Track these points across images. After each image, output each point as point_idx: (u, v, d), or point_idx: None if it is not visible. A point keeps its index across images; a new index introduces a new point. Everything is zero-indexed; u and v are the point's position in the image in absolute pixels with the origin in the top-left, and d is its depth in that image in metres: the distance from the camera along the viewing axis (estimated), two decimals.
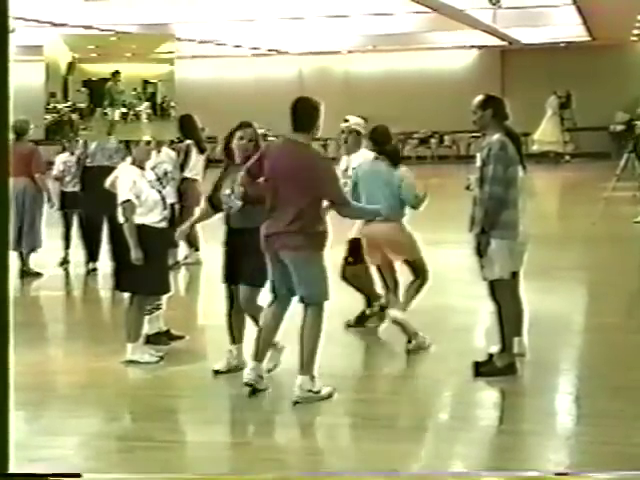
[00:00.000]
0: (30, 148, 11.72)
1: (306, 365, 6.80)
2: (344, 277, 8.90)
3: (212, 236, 12.91)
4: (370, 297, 9.03)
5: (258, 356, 6.98)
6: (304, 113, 6.87)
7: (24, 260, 12.05)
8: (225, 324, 7.64)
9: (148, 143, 8.10)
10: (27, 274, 11.94)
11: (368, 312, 9.03)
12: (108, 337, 9.03)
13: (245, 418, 6.87)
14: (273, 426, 6.69)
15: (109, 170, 11.53)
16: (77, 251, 12.64)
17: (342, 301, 8.80)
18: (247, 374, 6.96)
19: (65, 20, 20.06)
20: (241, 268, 7.35)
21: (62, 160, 12.66)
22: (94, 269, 12.26)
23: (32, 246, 12.06)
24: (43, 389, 7.56)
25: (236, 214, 7.22)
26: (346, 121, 8.99)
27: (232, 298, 7.55)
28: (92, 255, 12.30)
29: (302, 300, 6.89)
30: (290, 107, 6.88)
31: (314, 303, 6.85)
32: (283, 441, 6.28)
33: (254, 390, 6.91)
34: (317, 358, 6.85)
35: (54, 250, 12.59)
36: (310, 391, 6.79)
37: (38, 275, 12.08)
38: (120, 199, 7.90)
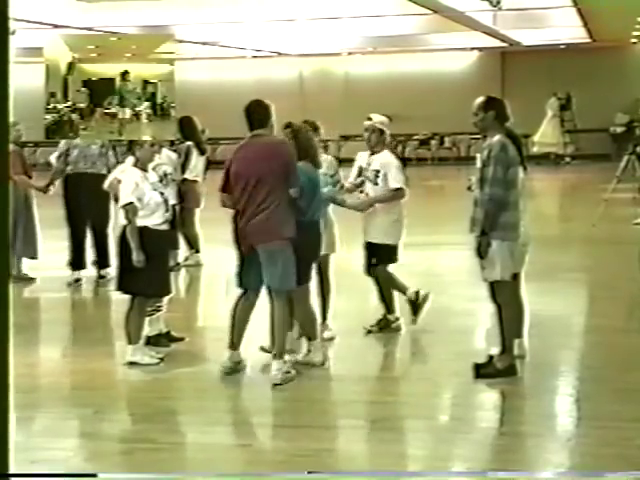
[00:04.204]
0: (11, 150, 11.42)
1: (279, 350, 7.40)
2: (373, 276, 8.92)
3: (213, 238, 12.97)
4: (390, 302, 8.95)
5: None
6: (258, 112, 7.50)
7: (17, 265, 11.76)
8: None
9: (152, 145, 8.09)
10: (17, 279, 11.39)
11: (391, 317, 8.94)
12: (108, 339, 9.03)
13: (245, 419, 6.87)
14: (274, 427, 6.68)
15: (93, 177, 11.39)
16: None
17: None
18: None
19: (67, 22, 20.07)
20: None
21: None
22: (78, 279, 11.80)
23: (19, 253, 11.62)
24: (43, 391, 7.57)
25: None
26: (369, 119, 8.85)
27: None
28: (77, 264, 11.90)
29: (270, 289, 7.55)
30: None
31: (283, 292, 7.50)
32: (284, 442, 6.27)
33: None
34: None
35: (48, 252, 12.40)
36: (287, 372, 7.36)
37: (31, 280, 11.76)
38: (122, 202, 7.89)
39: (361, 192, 8.81)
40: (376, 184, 8.71)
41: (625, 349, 8.27)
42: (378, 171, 8.71)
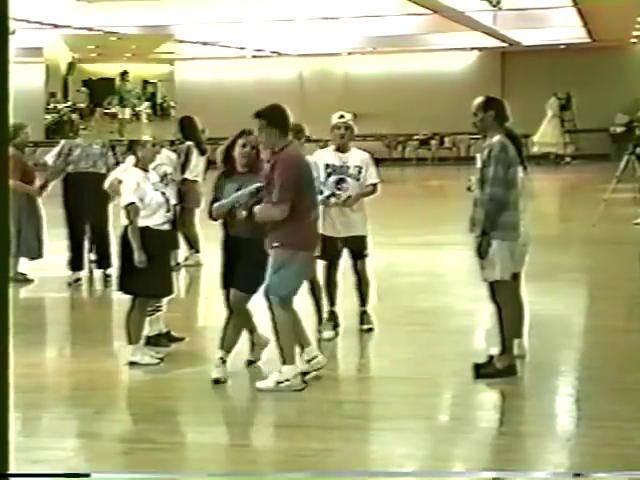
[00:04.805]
0: (11, 154, 11.21)
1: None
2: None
3: (213, 238, 12.97)
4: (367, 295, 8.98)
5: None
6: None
7: (14, 266, 11.65)
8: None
9: (153, 145, 8.09)
10: (14, 280, 11.32)
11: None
12: (108, 339, 9.02)
13: (245, 419, 6.87)
14: (274, 427, 6.68)
15: (94, 176, 11.40)
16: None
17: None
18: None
19: (67, 22, 20.07)
20: (236, 274, 7.40)
21: None
22: (78, 279, 11.84)
23: (25, 254, 11.55)
24: (43, 391, 7.56)
25: (241, 224, 7.28)
26: (342, 117, 8.83)
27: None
28: (76, 264, 11.92)
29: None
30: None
31: None
32: (284, 442, 6.27)
33: None
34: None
35: (48, 252, 12.32)
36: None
37: (28, 281, 11.65)
38: (124, 202, 7.89)
39: (338, 190, 8.73)
40: (358, 180, 8.76)
41: (625, 349, 8.27)
42: (361, 167, 8.78)
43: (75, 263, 11.90)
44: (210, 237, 12.81)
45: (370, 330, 8.80)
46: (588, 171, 26.84)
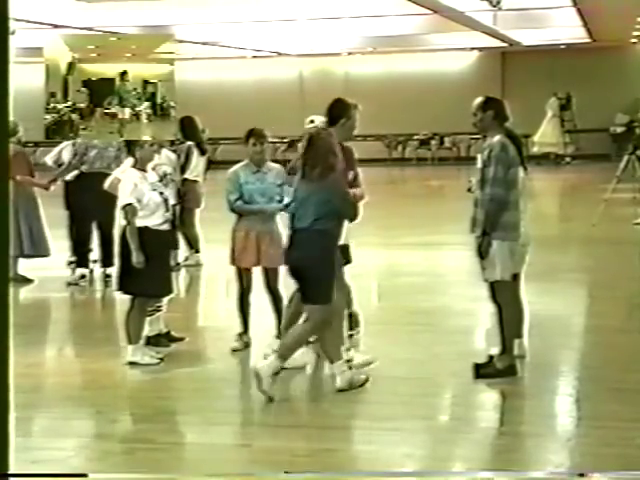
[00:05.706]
0: (14, 150, 11.27)
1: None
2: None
3: (213, 238, 12.97)
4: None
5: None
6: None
7: (13, 266, 11.62)
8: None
9: (152, 145, 8.10)
10: (13, 280, 11.33)
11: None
12: (108, 339, 9.02)
13: (245, 419, 6.87)
14: (274, 427, 6.68)
15: (107, 177, 11.48)
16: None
17: None
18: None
19: (67, 22, 20.08)
20: None
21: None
22: (83, 276, 11.89)
23: (17, 253, 11.41)
24: (43, 391, 7.57)
25: None
26: (312, 122, 8.23)
27: None
28: (81, 262, 11.96)
29: None
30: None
31: None
32: (284, 442, 6.27)
33: None
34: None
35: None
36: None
37: (28, 281, 11.63)
38: (121, 203, 7.90)
39: None
40: None
41: (625, 349, 8.27)
42: None
43: (80, 261, 11.95)
44: (210, 237, 12.84)
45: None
46: (588, 171, 26.84)
